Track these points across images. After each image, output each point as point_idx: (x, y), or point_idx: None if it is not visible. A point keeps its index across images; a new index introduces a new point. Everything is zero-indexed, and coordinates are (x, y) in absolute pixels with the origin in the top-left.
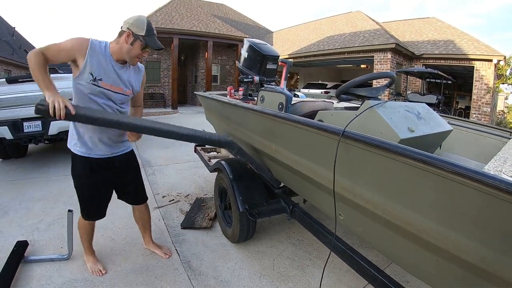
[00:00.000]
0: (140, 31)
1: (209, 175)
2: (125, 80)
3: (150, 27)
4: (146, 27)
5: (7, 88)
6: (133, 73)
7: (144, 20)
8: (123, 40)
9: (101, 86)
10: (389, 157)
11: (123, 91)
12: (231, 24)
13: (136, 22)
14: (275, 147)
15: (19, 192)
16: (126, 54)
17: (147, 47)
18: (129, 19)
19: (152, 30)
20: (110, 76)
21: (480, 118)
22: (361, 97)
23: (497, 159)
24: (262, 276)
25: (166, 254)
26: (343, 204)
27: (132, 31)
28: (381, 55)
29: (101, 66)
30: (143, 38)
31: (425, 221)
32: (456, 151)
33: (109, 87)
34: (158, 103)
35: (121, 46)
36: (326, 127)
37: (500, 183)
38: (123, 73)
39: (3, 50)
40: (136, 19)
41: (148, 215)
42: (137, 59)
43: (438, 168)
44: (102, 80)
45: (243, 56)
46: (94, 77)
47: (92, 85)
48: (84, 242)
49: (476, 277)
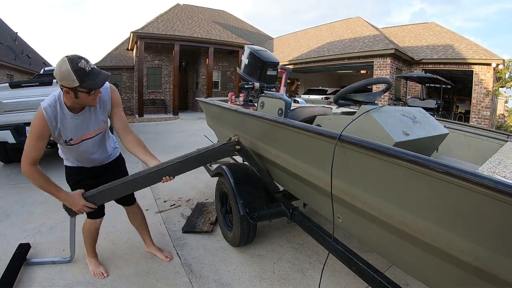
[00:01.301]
0: (72, 83)
1: (209, 180)
2: (93, 121)
3: (79, 70)
4: (75, 76)
5: (10, 93)
6: (99, 108)
7: (68, 69)
8: (68, 96)
9: (75, 144)
10: (383, 159)
11: (96, 132)
12: (232, 30)
13: (62, 77)
14: (275, 152)
15: (21, 195)
16: (78, 105)
17: (91, 90)
18: (56, 74)
19: (83, 70)
20: (78, 130)
21: (480, 122)
22: (359, 102)
23: (492, 161)
24: (263, 279)
25: (167, 257)
26: (341, 206)
27: (66, 87)
28: (381, 61)
29: (65, 127)
30: (81, 87)
31: (420, 221)
32: (453, 154)
33: (81, 138)
34: (159, 109)
35: (70, 101)
36: (323, 131)
37: (490, 182)
38: (88, 118)
39: (6, 55)
40: (60, 73)
41: (141, 215)
42: (95, 101)
43: (430, 169)
44: (73, 138)
45: (244, 63)
46: (64, 140)
47: (67, 146)
48: (87, 245)
49: (471, 276)
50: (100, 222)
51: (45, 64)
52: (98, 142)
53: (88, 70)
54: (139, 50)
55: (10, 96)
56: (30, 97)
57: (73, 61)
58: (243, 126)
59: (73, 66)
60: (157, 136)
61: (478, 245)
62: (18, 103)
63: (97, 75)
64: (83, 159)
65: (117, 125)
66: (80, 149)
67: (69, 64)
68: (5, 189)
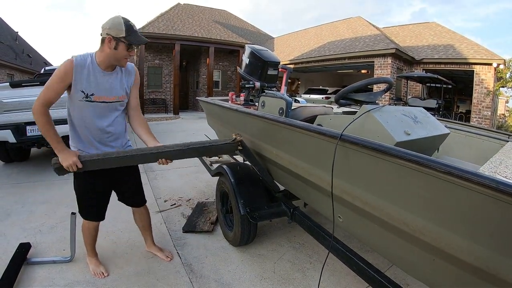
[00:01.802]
0: (119, 33)
1: (210, 180)
2: (118, 86)
3: (128, 25)
4: (124, 27)
5: (11, 92)
6: (124, 76)
7: (120, 20)
8: (106, 47)
9: (95, 101)
10: (384, 159)
11: (117, 98)
12: (233, 30)
13: (113, 26)
14: (275, 151)
15: (21, 195)
16: (113, 59)
17: (131, 46)
18: (105, 24)
19: (131, 27)
20: (101, 87)
21: (481, 122)
22: (360, 102)
23: (493, 161)
24: (263, 279)
25: (168, 257)
26: (342, 206)
27: (112, 36)
28: (382, 60)
29: (90, 81)
30: (125, 39)
31: (421, 221)
32: (454, 154)
33: (103, 99)
34: (160, 108)
35: (106, 53)
36: (324, 131)
37: (492, 182)
38: (114, 80)
39: (6, 54)
40: (112, 23)
41: (148, 217)
42: (126, 60)
43: (431, 168)
44: (94, 94)
45: (245, 62)
46: (85, 93)
47: (86, 101)
48: (87, 245)
49: (471, 276)
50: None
51: (45, 63)
52: (115, 114)
53: (135, 29)
54: (139, 49)
55: (11, 95)
56: (31, 97)
57: (125, 18)
58: (244, 125)
59: (125, 21)
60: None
61: (478, 245)
62: (18, 102)
63: (140, 36)
64: (94, 132)
65: (132, 102)
66: (97, 112)
67: (122, 18)
68: (5, 188)
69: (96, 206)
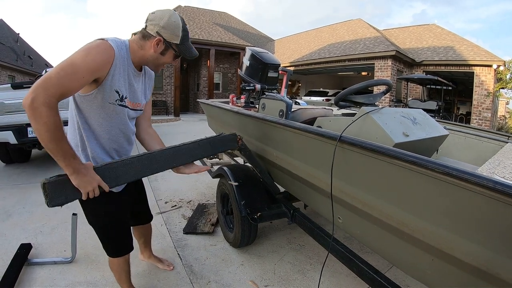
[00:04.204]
0: (174, 38)
1: (210, 182)
2: (141, 91)
3: (185, 31)
4: (181, 33)
5: (12, 94)
6: (147, 80)
7: (179, 24)
8: (151, 47)
9: (127, 106)
10: (383, 160)
11: (141, 106)
12: (233, 32)
13: (169, 27)
14: (276, 153)
15: (22, 196)
16: (151, 62)
17: (179, 56)
18: (158, 19)
19: (187, 34)
20: (131, 90)
21: (481, 123)
22: (359, 104)
23: (492, 162)
24: (263, 280)
25: (169, 266)
26: (341, 207)
27: (164, 38)
28: (382, 62)
29: (125, 80)
30: (178, 48)
31: (420, 222)
32: (454, 156)
33: (131, 105)
34: (161, 110)
35: (146, 52)
36: (324, 132)
37: (489, 182)
38: (139, 84)
39: (8, 56)
40: (169, 22)
41: (151, 231)
42: (161, 67)
43: (429, 169)
44: (128, 98)
45: (245, 65)
46: (121, 95)
47: (119, 106)
48: (124, 283)
49: (471, 276)
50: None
51: (47, 65)
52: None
53: (189, 36)
54: None
55: (12, 97)
56: None
57: (183, 20)
58: (245, 127)
59: (183, 24)
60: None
61: (477, 245)
62: (20, 104)
63: (192, 47)
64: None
65: (147, 111)
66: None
67: (180, 20)
68: (6, 189)
69: (128, 234)
